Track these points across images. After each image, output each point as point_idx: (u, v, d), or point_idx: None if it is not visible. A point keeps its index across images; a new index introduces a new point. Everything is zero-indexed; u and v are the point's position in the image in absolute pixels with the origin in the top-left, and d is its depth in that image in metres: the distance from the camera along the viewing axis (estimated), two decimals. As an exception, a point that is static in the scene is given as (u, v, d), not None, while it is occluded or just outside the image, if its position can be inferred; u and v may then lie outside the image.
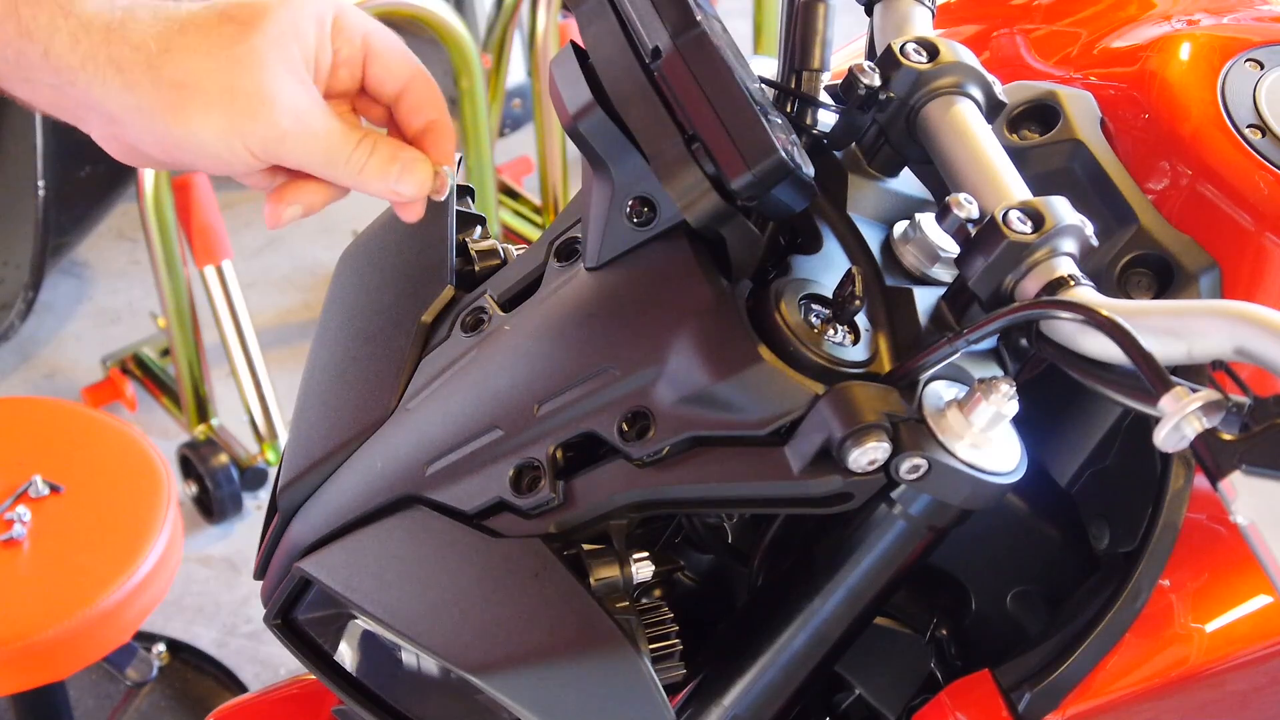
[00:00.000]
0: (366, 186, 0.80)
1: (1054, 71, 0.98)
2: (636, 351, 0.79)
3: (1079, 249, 0.76)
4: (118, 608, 1.74)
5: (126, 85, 0.74)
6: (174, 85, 0.74)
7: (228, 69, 0.75)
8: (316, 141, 0.78)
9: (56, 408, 2.02)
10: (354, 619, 0.88)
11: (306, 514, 0.88)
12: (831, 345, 0.77)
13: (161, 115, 0.75)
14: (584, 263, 0.84)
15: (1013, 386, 0.75)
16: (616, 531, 0.81)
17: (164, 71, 0.74)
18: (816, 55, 0.91)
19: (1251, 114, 0.89)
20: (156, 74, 0.74)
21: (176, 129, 0.75)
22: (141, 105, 0.75)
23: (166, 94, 0.74)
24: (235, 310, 2.66)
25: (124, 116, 0.75)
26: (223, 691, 2.36)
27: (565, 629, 0.78)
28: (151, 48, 0.74)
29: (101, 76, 0.74)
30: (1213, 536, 0.85)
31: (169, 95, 0.74)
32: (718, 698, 0.88)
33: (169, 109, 0.75)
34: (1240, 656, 0.86)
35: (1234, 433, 0.65)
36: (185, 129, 0.75)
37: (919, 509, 0.78)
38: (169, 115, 0.75)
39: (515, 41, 3.25)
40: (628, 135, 0.79)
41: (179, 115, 0.75)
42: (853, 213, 0.86)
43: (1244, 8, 1.02)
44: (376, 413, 0.88)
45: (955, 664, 0.97)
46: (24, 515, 1.80)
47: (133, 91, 0.74)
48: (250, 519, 2.73)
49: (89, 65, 0.74)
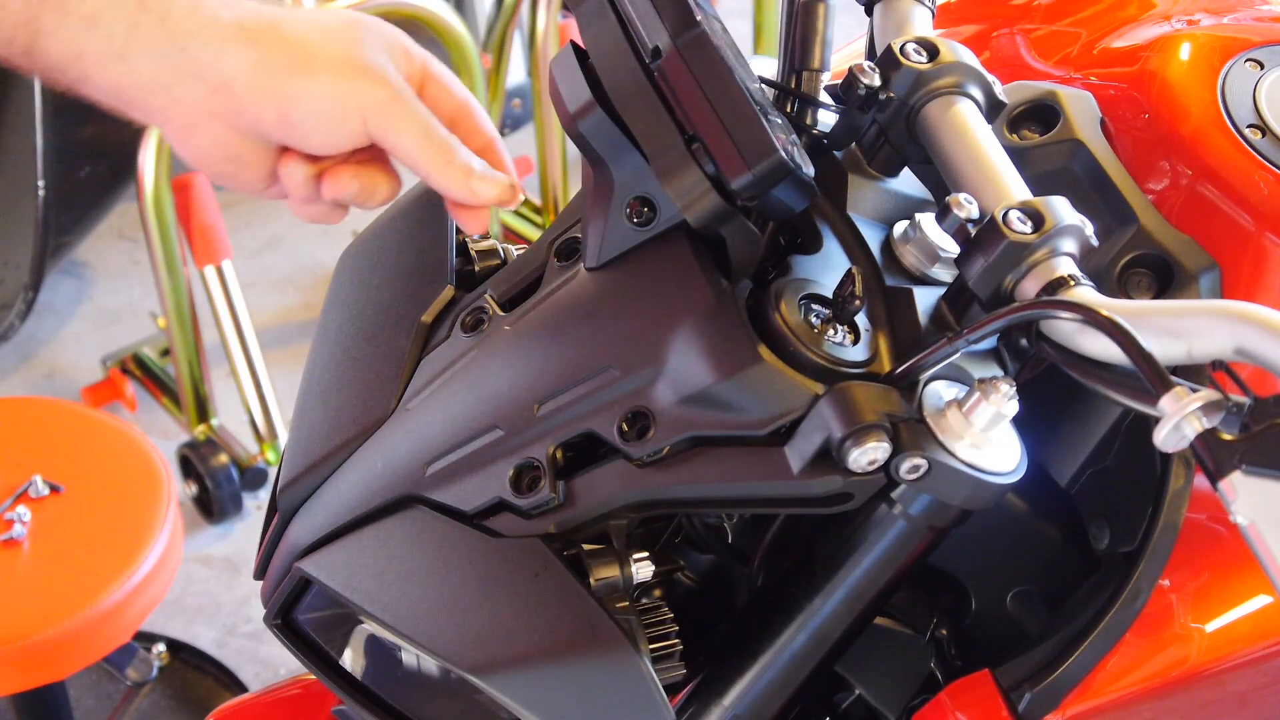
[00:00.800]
0: (446, 175, 0.82)
1: (1054, 71, 0.98)
2: (636, 351, 0.79)
3: (1079, 249, 0.76)
4: (118, 608, 1.74)
5: (250, 40, 0.77)
6: (298, 43, 0.78)
7: (343, 41, 0.80)
8: (418, 117, 0.80)
9: (56, 408, 2.02)
10: (354, 619, 0.88)
11: (306, 514, 0.88)
12: (831, 345, 0.77)
13: (286, 69, 0.77)
14: (584, 263, 0.84)
15: (1013, 386, 0.75)
16: (616, 531, 0.81)
17: (285, 31, 0.78)
18: (816, 55, 0.91)
19: (1251, 114, 0.89)
20: (279, 33, 0.78)
21: (298, 83, 0.78)
22: (264, 60, 0.77)
23: (292, 50, 0.78)
24: (235, 310, 2.66)
25: (239, 76, 0.77)
26: (223, 691, 2.36)
27: (565, 629, 0.78)
28: (273, 14, 0.79)
29: (221, 36, 0.77)
30: (1213, 536, 0.85)
31: (294, 51, 0.78)
32: (718, 698, 0.88)
33: (296, 63, 0.78)
34: (1240, 656, 0.86)
35: (1234, 433, 0.65)
36: (308, 84, 0.78)
37: (919, 509, 0.78)
38: (294, 69, 0.78)
39: (515, 41, 3.25)
40: (628, 135, 0.79)
41: (304, 71, 0.78)
42: (853, 213, 0.87)
43: (1244, 8, 1.02)
44: (376, 413, 0.88)
45: (955, 664, 0.97)
46: (24, 515, 1.80)
47: (256, 47, 0.77)
48: (250, 519, 2.73)
49: (208, 28, 0.77)
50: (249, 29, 0.77)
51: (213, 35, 0.76)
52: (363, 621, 0.87)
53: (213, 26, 0.76)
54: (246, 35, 0.77)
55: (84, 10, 0.75)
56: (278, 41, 0.78)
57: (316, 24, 0.80)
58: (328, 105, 0.79)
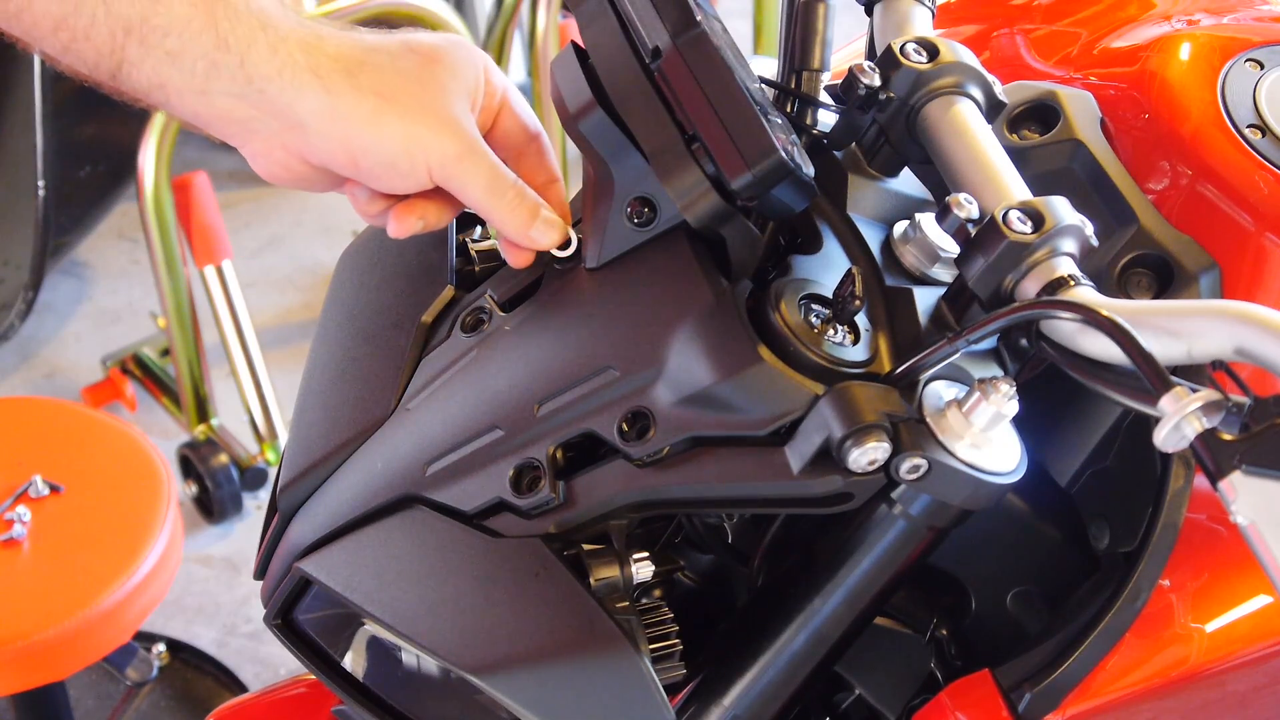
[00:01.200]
0: (509, 223, 0.84)
1: (1054, 71, 0.98)
2: (636, 352, 0.79)
3: (1079, 249, 0.76)
4: (118, 608, 1.74)
5: (325, 90, 0.78)
6: (374, 93, 0.79)
7: (418, 89, 0.80)
8: (484, 169, 0.82)
9: (56, 408, 2.02)
10: (354, 619, 0.88)
11: (306, 514, 0.88)
12: (831, 345, 0.77)
13: (358, 121, 0.79)
14: (584, 263, 0.84)
15: (1013, 386, 0.75)
16: (616, 531, 0.81)
17: (361, 80, 0.79)
18: (816, 55, 0.91)
19: (1251, 114, 0.89)
20: (355, 82, 0.79)
21: (369, 133, 0.79)
22: (338, 109, 0.79)
23: (367, 100, 0.79)
24: (235, 310, 2.66)
25: (313, 122, 0.79)
26: (223, 691, 2.36)
27: (565, 629, 0.78)
28: (349, 59, 0.80)
29: (298, 83, 0.78)
30: (1213, 536, 0.85)
31: (369, 102, 0.79)
32: (718, 698, 0.88)
33: (367, 115, 0.79)
34: (1240, 656, 0.86)
35: (1234, 433, 0.65)
36: (378, 135, 0.79)
37: (919, 509, 0.78)
38: (366, 121, 0.79)
39: (515, 41, 3.25)
40: (628, 135, 0.79)
41: (374, 122, 0.79)
42: (853, 213, 0.87)
43: (1244, 8, 1.02)
44: (376, 413, 0.88)
45: (955, 664, 0.97)
46: (24, 515, 1.80)
47: (330, 95, 0.78)
48: (250, 519, 2.73)
49: (285, 72, 0.78)
50: (324, 78, 0.79)
51: (290, 80, 0.78)
52: (363, 622, 0.87)
53: (291, 71, 0.78)
54: (322, 85, 0.78)
55: (166, 46, 0.76)
56: (354, 91, 0.79)
57: (394, 68, 0.80)
58: (395, 156, 0.80)
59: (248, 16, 0.77)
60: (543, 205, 0.85)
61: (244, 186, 3.60)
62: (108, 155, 2.90)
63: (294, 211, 3.56)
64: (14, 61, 2.71)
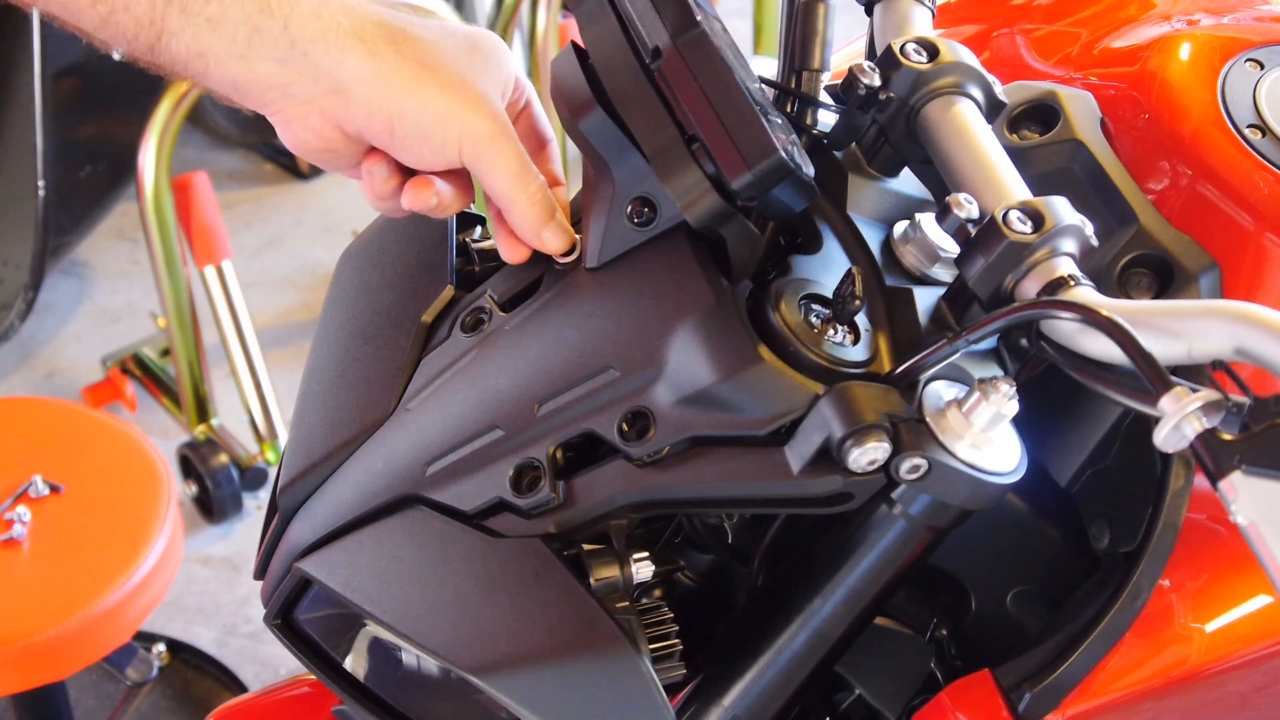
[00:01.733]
0: (528, 216, 0.84)
1: (1054, 71, 0.98)
2: (637, 352, 0.79)
3: (1079, 249, 0.76)
4: (118, 608, 1.74)
5: (369, 54, 0.79)
6: (417, 61, 0.80)
7: (460, 63, 0.81)
8: (515, 155, 0.82)
9: (56, 408, 2.02)
10: (354, 619, 0.88)
11: (306, 514, 0.88)
12: (831, 345, 0.77)
13: (399, 86, 0.79)
14: (584, 263, 0.84)
15: (1013, 386, 0.75)
16: (616, 531, 0.81)
17: (405, 48, 0.80)
18: (816, 55, 0.91)
19: (1251, 114, 0.89)
20: (399, 49, 0.79)
21: (409, 100, 0.79)
22: (380, 73, 0.79)
23: (409, 67, 0.79)
24: (235, 310, 2.66)
25: (355, 85, 0.79)
26: (223, 691, 2.36)
27: (565, 629, 0.78)
28: (392, 27, 0.80)
29: (341, 45, 0.78)
30: (1213, 536, 0.85)
31: (411, 69, 0.79)
32: (718, 698, 0.88)
33: (409, 81, 0.79)
34: (1240, 656, 0.86)
35: (1234, 433, 0.65)
36: (417, 103, 0.79)
37: (919, 509, 0.78)
38: (407, 87, 0.79)
39: (515, 41, 3.25)
40: (628, 135, 0.79)
41: (415, 89, 0.79)
42: (853, 213, 0.87)
43: (1244, 8, 1.02)
44: (376, 413, 0.88)
45: (955, 664, 0.97)
46: (24, 515, 1.80)
47: (374, 60, 0.79)
48: (250, 519, 2.73)
49: (329, 35, 0.78)
50: (369, 42, 0.79)
51: (334, 43, 0.78)
52: (363, 621, 0.87)
53: (334, 34, 0.78)
54: (366, 49, 0.79)
55: (208, 13, 0.76)
56: (395, 56, 0.79)
57: (437, 42, 0.81)
58: (431, 127, 0.80)
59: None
60: (559, 209, 0.85)
61: (244, 186, 3.60)
62: (108, 155, 2.90)
63: (294, 211, 3.57)
64: (14, 62, 2.71)
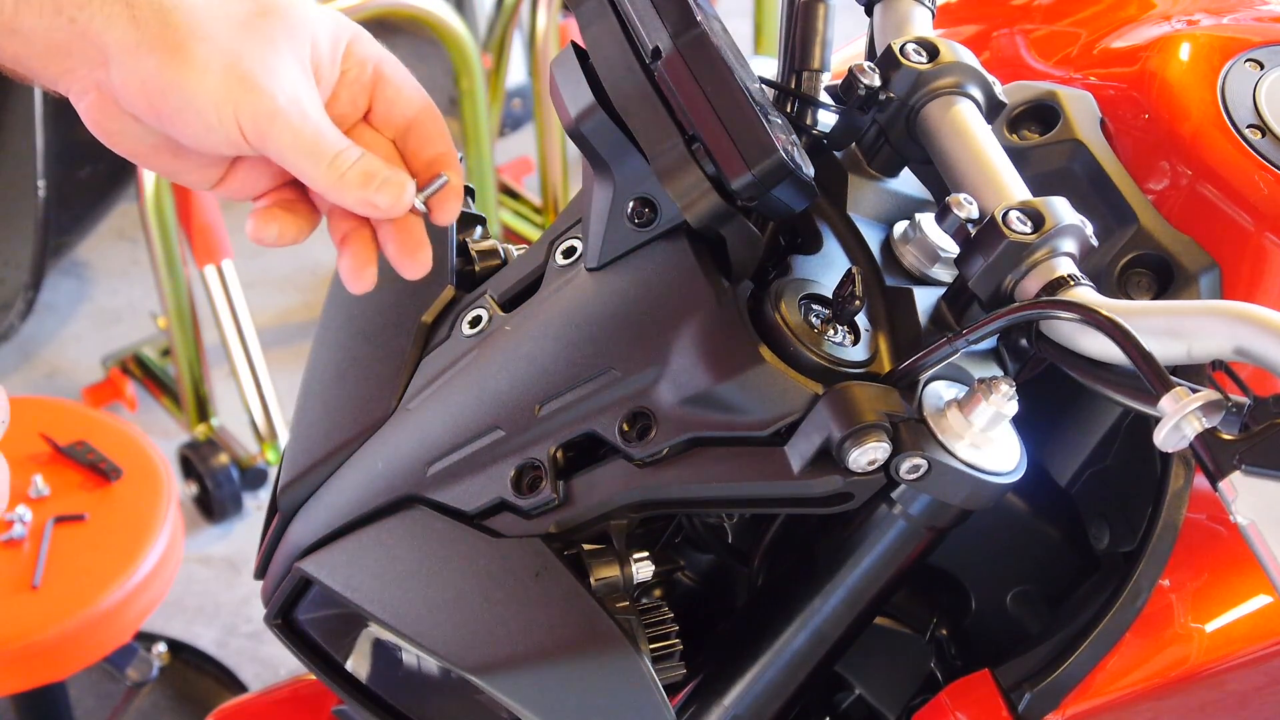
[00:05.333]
0: (343, 192, 0.75)
1: (1054, 71, 0.98)
2: (638, 352, 0.79)
3: (1079, 249, 0.76)
4: (118, 608, 1.74)
5: (133, 20, 0.72)
6: (186, 31, 0.72)
7: (239, 35, 0.73)
8: (305, 131, 0.74)
9: (56, 408, 2.02)
10: (354, 619, 0.88)
11: (307, 514, 0.88)
12: (831, 345, 0.77)
13: (161, 57, 0.72)
14: (585, 263, 0.84)
15: (1013, 386, 0.75)
16: (616, 531, 0.81)
17: (174, 16, 0.72)
18: (816, 55, 0.91)
19: (1251, 114, 0.89)
20: (166, 17, 0.72)
21: (171, 74, 0.72)
22: (143, 42, 0.72)
23: (172, 36, 0.72)
24: (235, 310, 2.66)
25: (120, 55, 0.72)
26: (223, 691, 2.36)
27: (565, 629, 0.78)
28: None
29: (106, 11, 0.72)
30: (1213, 536, 0.85)
31: (174, 38, 0.72)
32: (718, 698, 0.88)
33: (171, 51, 0.72)
34: (1240, 656, 0.86)
35: (1234, 433, 0.65)
36: (180, 77, 0.72)
37: (919, 509, 0.78)
38: (169, 59, 0.72)
39: (515, 41, 3.25)
40: (628, 136, 0.79)
41: (178, 61, 0.72)
42: (853, 213, 0.86)
43: (1244, 8, 1.02)
44: (377, 413, 0.88)
45: (955, 664, 0.97)
46: (24, 515, 1.80)
47: (137, 27, 0.71)
48: (250, 519, 2.72)
49: (96, 1, 0.72)
50: (136, 6, 0.71)
51: (100, 9, 0.71)
52: (363, 622, 0.87)
53: (100, 1, 0.71)
54: (131, 15, 0.71)
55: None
56: (162, 27, 0.71)
57: (218, 9, 0.73)
58: (202, 105, 0.72)
59: None
60: (382, 167, 0.76)
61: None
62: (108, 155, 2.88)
63: (294, 211, 3.56)
64: (14, 62, 2.71)
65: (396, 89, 0.80)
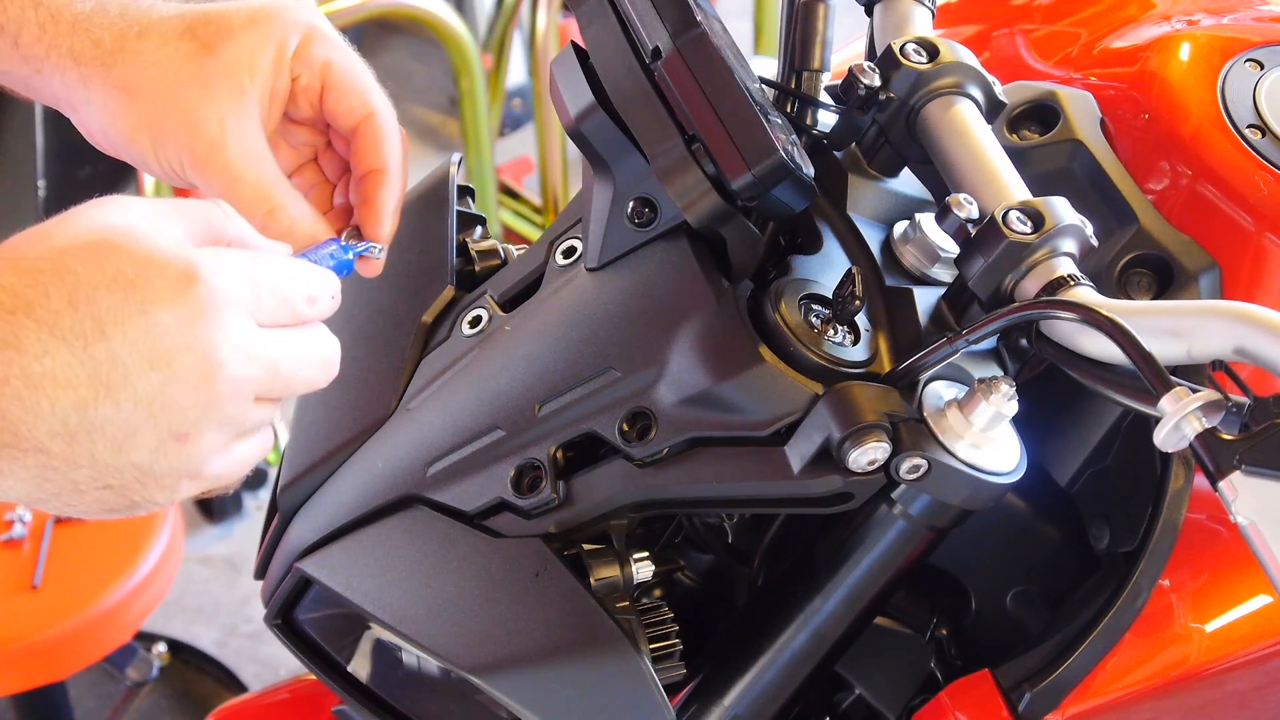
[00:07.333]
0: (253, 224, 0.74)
1: (1054, 71, 0.98)
2: (638, 352, 0.79)
3: (1079, 249, 0.76)
4: (118, 608, 1.74)
5: (81, 79, 0.75)
6: (120, 88, 0.75)
7: (173, 86, 0.75)
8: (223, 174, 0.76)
9: (56, 408, 2.02)
10: (354, 619, 0.88)
11: (307, 514, 0.88)
12: (831, 345, 0.77)
13: (108, 115, 0.75)
14: (585, 263, 0.84)
15: (1013, 386, 0.75)
16: (616, 531, 0.81)
17: (114, 71, 0.75)
18: (816, 55, 0.91)
19: (1251, 114, 0.89)
20: (107, 73, 0.75)
21: (115, 130, 0.76)
22: (92, 100, 0.75)
23: (113, 95, 0.75)
24: (235, 310, 2.65)
25: (80, 109, 0.76)
26: (223, 691, 2.36)
27: (565, 629, 0.78)
28: (107, 45, 0.75)
29: (62, 67, 0.75)
30: (1213, 536, 0.85)
31: (115, 97, 0.75)
32: (718, 698, 0.88)
33: (113, 110, 0.75)
34: (1240, 656, 0.86)
35: (1234, 433, 0.65)
36: (121, 131, 0.76)
37: (919, 509, 0.78)
38: (112, 116, 0.75)
39: (515, 41, 3.25)
40: (628, 136, 0.79)
41: (119, 118, 0.75)
42: (853, 213, 0.86)
43: (1244, 8, 1.02)
44: (377, 413, 0.88)
45: (955, 664, 0.97)
46: (24, 515, 1.80)
47: (86, 86, 0.75)
48: (250, 519, 2.72)
49: (52, 55, 0.75)
50: (83, 65, 0.75)
51: (56, 65, 0.75)
52: (363, 622, 0.87)
53: (56, 55, 0.75)
54: (79, 74, 0.75)
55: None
56: (104, 84, 0.75)
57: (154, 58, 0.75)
58: (145, 155, 0.76)
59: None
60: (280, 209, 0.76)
61: (244, 186, 3.59)
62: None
63: (294, 211, 3.56)
64: (14, 61, 2.72)
65: (339, 95, 0.80)
